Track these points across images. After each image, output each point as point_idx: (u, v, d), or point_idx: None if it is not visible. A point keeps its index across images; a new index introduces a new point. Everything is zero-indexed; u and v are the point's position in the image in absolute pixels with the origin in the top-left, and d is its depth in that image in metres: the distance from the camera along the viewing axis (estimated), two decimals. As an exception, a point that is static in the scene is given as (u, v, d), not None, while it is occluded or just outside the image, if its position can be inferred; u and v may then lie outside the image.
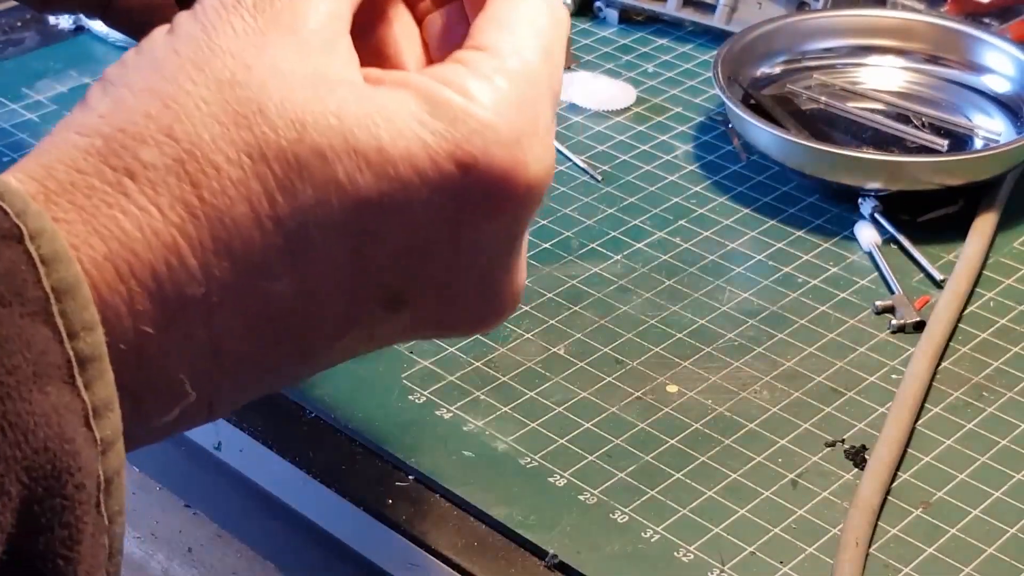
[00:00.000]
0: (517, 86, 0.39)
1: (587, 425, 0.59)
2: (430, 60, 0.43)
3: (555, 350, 0.64)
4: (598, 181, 0.76)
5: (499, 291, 0.40)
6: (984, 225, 0.71)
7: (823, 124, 0.78)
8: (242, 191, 0.35)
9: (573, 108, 0.83)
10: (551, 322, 0.65)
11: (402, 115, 0.37)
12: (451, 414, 0.60)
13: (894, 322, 0.65)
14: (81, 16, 0.91)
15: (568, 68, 0.86)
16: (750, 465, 0.57)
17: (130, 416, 0.34)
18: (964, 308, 0.66)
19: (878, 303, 0.66)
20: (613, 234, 0.72)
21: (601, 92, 0.83)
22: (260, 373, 0.38)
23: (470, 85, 0.38)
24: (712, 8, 0.88)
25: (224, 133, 0.36)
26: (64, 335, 0.32)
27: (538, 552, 0.53)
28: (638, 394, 0.61)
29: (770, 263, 0.70)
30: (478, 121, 0.38)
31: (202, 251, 0.35)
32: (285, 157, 0.36)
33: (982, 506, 0.55)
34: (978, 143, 0.76)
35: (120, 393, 0.33)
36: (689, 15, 0.89)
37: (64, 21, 0.91)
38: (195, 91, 0.36)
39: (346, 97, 0.37)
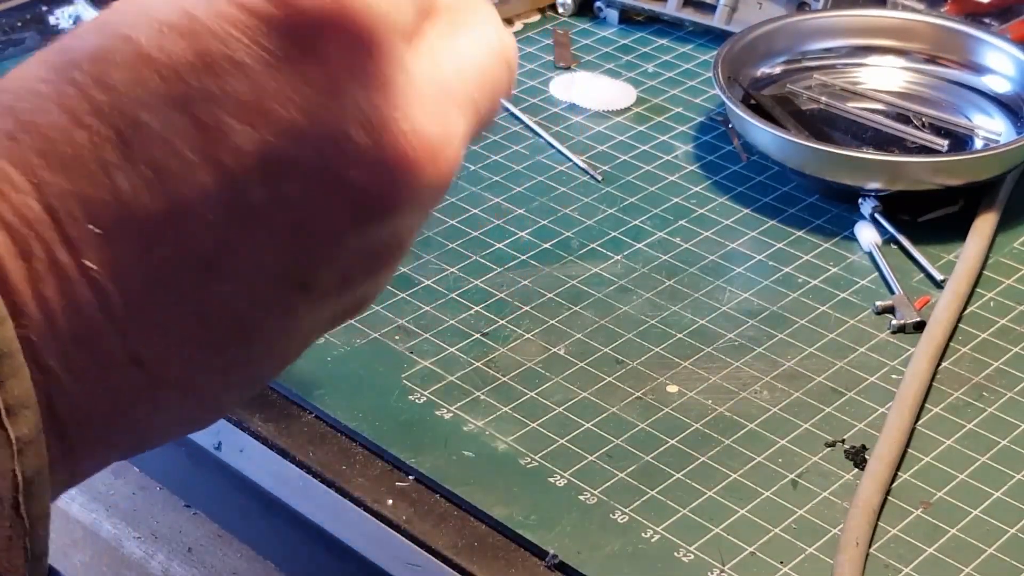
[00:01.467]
0: None
1: (587, 425, 0.59)
2: None
3: (555, 350, 0.64)
4: (598, 181, 0.76)
5: (392, 147, 0.36)
6: (984, 225, 0.71)
7: (823, 124, 0.78)
8: (55, 99, 0.34)
9: (573, 108, 0.83)
10: (551, 322, 0.65)
11: None
12: (451, 414, 0.60)
13: (894, 322, 0.65)
14: (81, 16, 0.91)
15: (568, 68, 0.86)
16: (750, 465, 0.57)
17: None
18: (964, 308, 0.66)
19: (878, 303, 0.66)
20: (613, 234, 0.72)
21: (601, 92, 0.83)
22: (164, 301, 0.35)
23: None
24: (712, 8, 0.88)
25: (42, 61, 0.35)
26: None
27: (538, 552, 0.53)
28: (638, 394, 0.61)
29: (770, 263, 0.70)
30: None
31: (30, 167, 0.34)
32: (89, 54, 0.35)
33: (982, 506, 0.55)
34: (978, 143, 0.76)
35: None
36: (689, 15, 0.89)
37: (64, 21, 0.91)
38: (42, 52, 0.36)
39: None
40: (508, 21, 0.91)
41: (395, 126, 0.36)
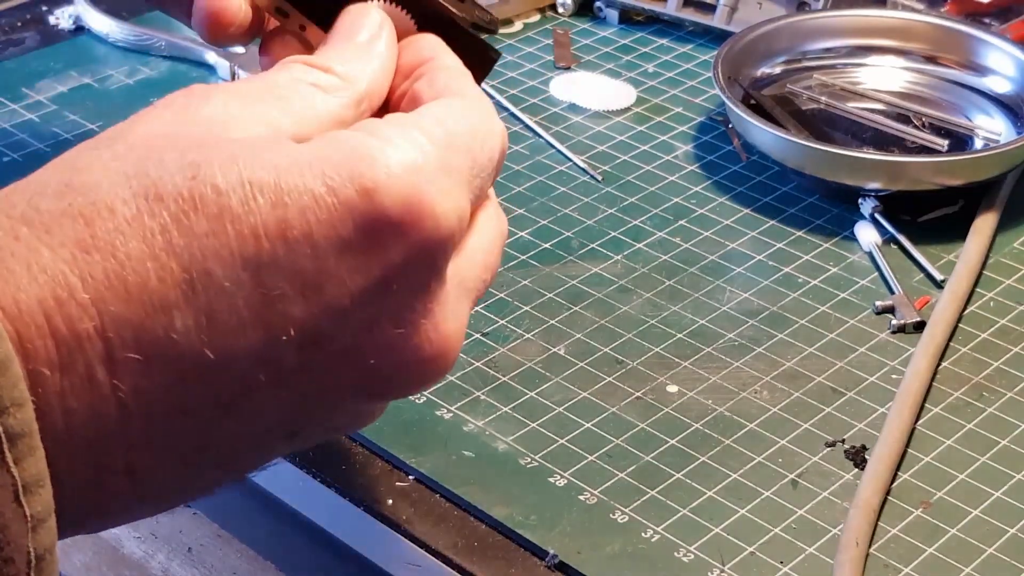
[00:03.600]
0: (428, 133, 0.40)
1: (587, 425, 0.59)
2: None
3: (555, 350, 0.64)
4: (598, 181, 0.76)
5: (414, 345, 0.40)
6: (984, 225, 0.71)
7: (823, 124, 0.78)
8: (135, 227, 0.35)
9: (573, 108, 0.83)
10: (551, 322, 0.65)
11: (304, 153, 0.37)
12: (451, 414, 0.60)
13: (894, 322, 0.65)
14: (81, 16, 0.91)
15: (568, 68, 0.86)
16: (750, 465, 0.57)
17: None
18: (964, 308, 0.66)
19: (878, 303, 0.66)
20: (613, 234, 0.72)
21: (601, 92, 0.83)
22: (178, 429, 0.37)
23: (382, 128, 0.39)
24: (712, 8, 0.88)
25: (123, 181, 0.36)
26: None
27: (538, 552, 0.53)
28: (638, 394, 0.61)
29: (770, 263, 0.70)
30: (380, 151, 0.38)
31: (93, 284, 0.35)
32: (179, 193, 0.36)
33: (982, 506, 0.55)
34: (978, 143, 0.76)
35: None
36: (689, 15, 0.89)
37: (64, 21, 0.91)
38: (107, 151, 0.37)
39: (248, 143, 0.37)
40: (508, 21, 0.91)
41: (423, 328, 0.40)
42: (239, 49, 0.83)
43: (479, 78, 0.46)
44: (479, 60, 0.47)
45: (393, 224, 0.38)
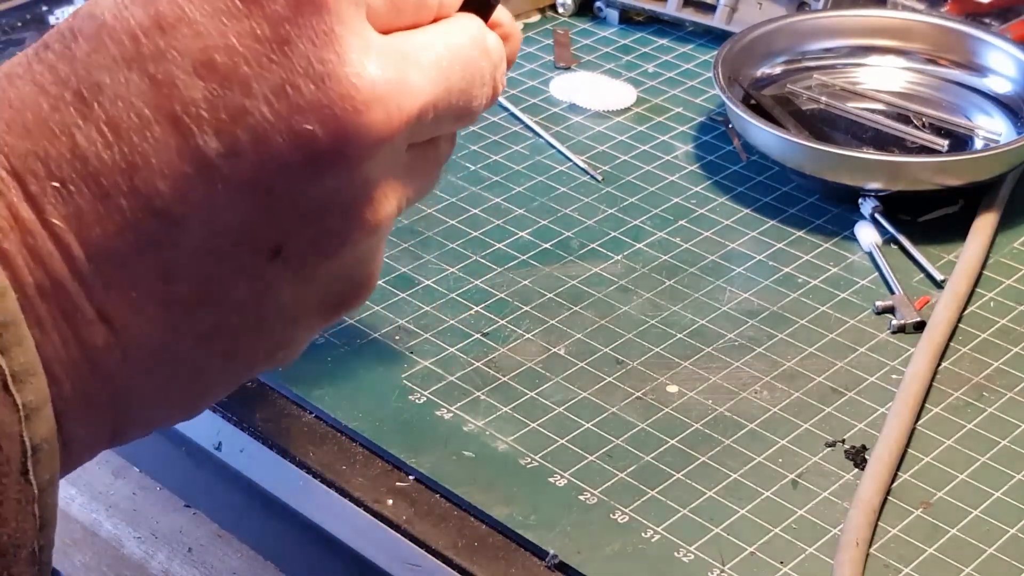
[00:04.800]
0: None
1: (587, 425, 0.59)
2: None
3: (555, 350, 0.64)
4: (598, 181, 0.76)
5: (340, 93, 0.38)
6: (984, 225, 0.71)
7: (823, 124, 0.78)
8: (25, 77, 0.36)
9: (573, 108, 0.83)
10: (551, 322, 0.65)
11: None
12: (451, 414, 0.60)
13: (894, 322, 0.65)
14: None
15: (568, 68, 0.86)
16: (750, 465, 0.57)
17: None
18: (964, 308, 0.66)
19: (878, 303, 0.66)
20: (613, 234, 0.72)
21: (601, 92, 0.83)
22: (130, 255, 0.36)
23: None
24: (712, 8, 0.88)
25: (19, 56, 0.37)
26: None
27: (538, 552, 0.53)
28: (638, 394, 0.61)
29: (770, 263, 0.70)
30: None
31: None
32: (59, 33, 0.37)
33: (982, 506, 0.55)
34: (978, 143, 0.76)
35: None
36: (689, 15, 0.89)
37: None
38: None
39: None
40: (508, 21, 0.91)
41: (341, 74, 0.37)
42: None
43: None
44: (478, 5, 0.45)
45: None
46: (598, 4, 0.92)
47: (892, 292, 0.67)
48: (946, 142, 0.76)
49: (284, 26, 0.37)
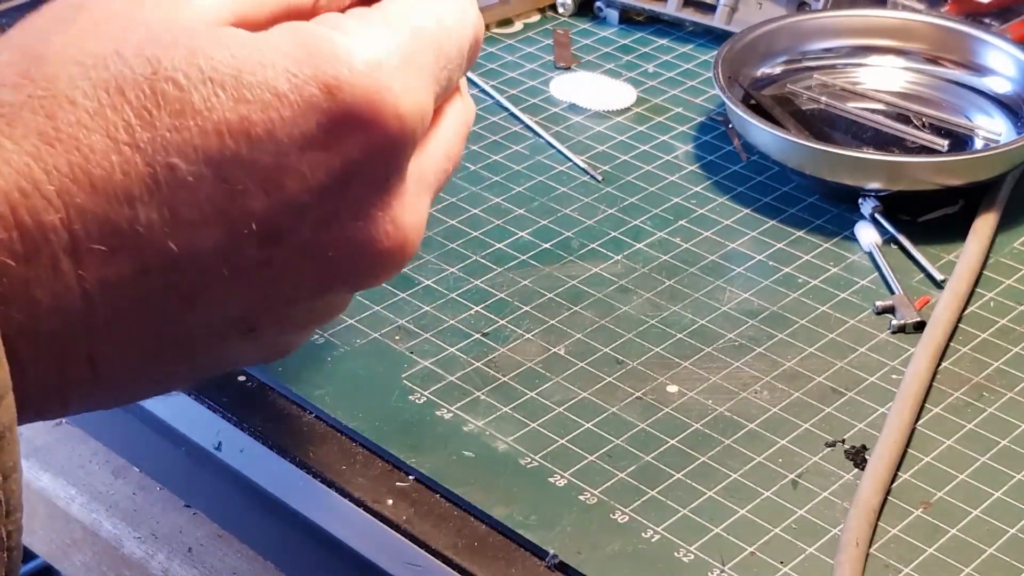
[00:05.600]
0: (393, 28, 0.40)
1: (587, 425, 0.59)
2: None
3: (555, 350, 0.64)
4: (598, 181, 0.76)
5: (372, 238, 0.40)
6: (984, 225, 0.71)
7: (823, 124, 0.78)
8: (98, 121, 0.36)
9: (573, 108, 0.83)
10: (551, 322, 0.65)
11: (265, 48, 0.38)
12: (451, 414, 0.60)
13: (894, 322, 0.65)
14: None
15: (568, 68, 0.86)
16: (750, 465, 0.57)
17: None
18: (964, 308, 0.66)
19: (878, 303, 0.66)
20: (613, 234, 0.72)
21: (601, 92, 0.83)
22: (139, 319, 0.38)
23: (345, 23, 0.39)
24: (712, 8, 0.88)
25: (82, 72, 0.36)
26: None
27: (538, 552, 0.53)
28: (638, 394, 0.61)
29: (770, 263, 0.70)
30: (344, 47, 0.38)
31: (58, 176, 0.35)
32: (140, 88, 0.36)
33: (982, 506, 0.55)
34: (978, 143, 0.76)
35: None
36: (689, 15, 0.89)
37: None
38: (58, 40, 0.37)
39: (205, 36, 0.37)
40: (508, 21, 0.91)
41: (381, 222, 0.40)
42: None
43: None
44: None
45: (355, 121, 0.38)
46: (598, 4, 0.92)
47: (892, 292, 0.67)
48: (946, 142, 0.76)
49: (353, 167, 0.39)
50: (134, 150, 0.36)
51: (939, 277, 0.68)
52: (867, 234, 0.71)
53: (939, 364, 0.63)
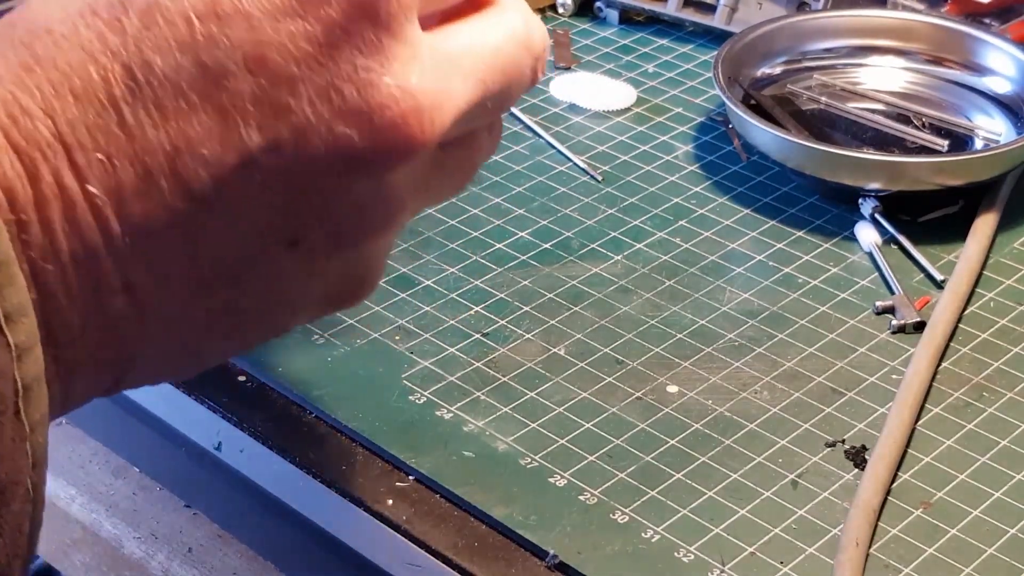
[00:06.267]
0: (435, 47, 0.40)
1: (587, 425, 0.59)
2: None
3: (555, 350, 0.64)
4: (598, 181, 0.76)
5: (380, 104, 0.39)
6: (984, 225, 0.71)
7: (823, 124, 0.78)
8: (73, 40, 0.36)
9: (573, 108, 0.83)
10: (551, 322, 0.65)
11: None
12: (451, 414, 0.60)
13: (894, 322, 0.65)
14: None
15: (568, 68, 0.86)
16: (750, 465, 0.57)
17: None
18: (964, 308, 0.66)
19: (878, 303, 0.66)
20: (613, 234, 0.72)
21: (601, 92, 0.83)
22: (161, 232, 0.37)
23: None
24: (712, 8, 0.88)
25: (59, 7, 0.37)
26: None
27: (538, 552, 0.53)
28: (638, 394, 0.61)
29: (770, 263, 0.70)
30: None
31: (40, 97, 0.36)
32: (109, 3, 0.37)
33: (982, 506, 0.55)
34: (978, 144, 0.76)
35: None
36: (689, 15, 0.89)
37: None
38: None
39: None
40: (508, 21, 0.91)
41: (383, 83, 0.39)
42: None
43: None
44: None
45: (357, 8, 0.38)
46: (598, 4, 0.92)
47: (892, 292, 0.67)
48: (946, 142, 0.76)
49: (335, 31, 0.38)
50: (109, 56, 0.36)
51: (939, 277, 0.68)
52: (867, 234, 0.71)
53: (939, 364, 0.63)
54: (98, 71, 0.36)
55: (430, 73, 0.40)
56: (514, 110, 0.82)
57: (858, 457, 0.58)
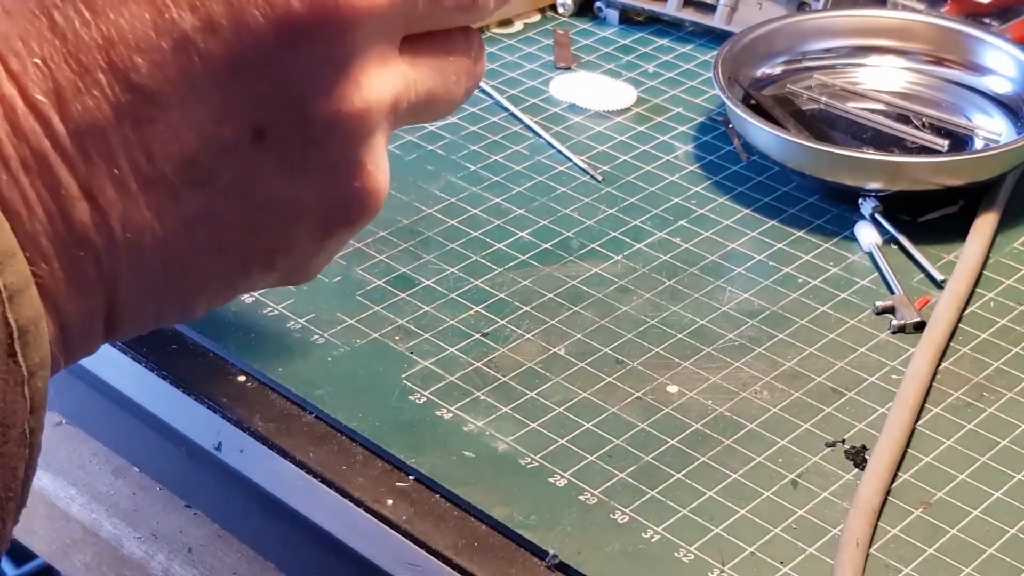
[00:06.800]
0: None
1: (587, 425, 0.59)
2: None
3: (555, 350, 0.64)
4: (598, 181, 0.76)
5: None
6: (984, 225, 0.71)
7: (823, 124, 0.78)
8: None
9: (573, 108, 0.83)
10: (551, 322, 0.65)
11: None
12: (451, 414, 0.60)
13: (894, 322, 0.65)
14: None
15: (568, 68, 0.86)
16: (750, 465, 0.57)
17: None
18: (964, 308, 0.66)
19: (878, 303, 0.66)
20: (613, 234, 0.72)
21: (601, 92, 0.83)
22: (106, 131, 0.37)
23: None
24: (712, 8, 0.88)
25: None
26: None
27: (538, 552, 0.53)
28: (638, 394, 0.61)
29: (770, 263, 0.70)
30: None
31: None
32: None
33: (982, 506, 0.55)
34: (978, 143, 0.76)
35: None
36: (689, 15, 0.89)
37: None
38: None
39: None
40: (508, 21, 0.91)
41: None
42: None
43: None
44: None
45: None
46: (598, 4, 0.92)
47: (892, 292, 0.67)
48: (946, 142, 0.76)
49: None
50: None
51: (939, 277, 0.68)
52: (867, 234, 0.71)
53: (939, 364, 0.63)
54: None
55: None
56: (514, 110, 0.82)
57: (858, 457, 0.58)
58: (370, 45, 0.40)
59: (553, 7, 0.93)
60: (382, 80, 0.41)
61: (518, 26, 0.91)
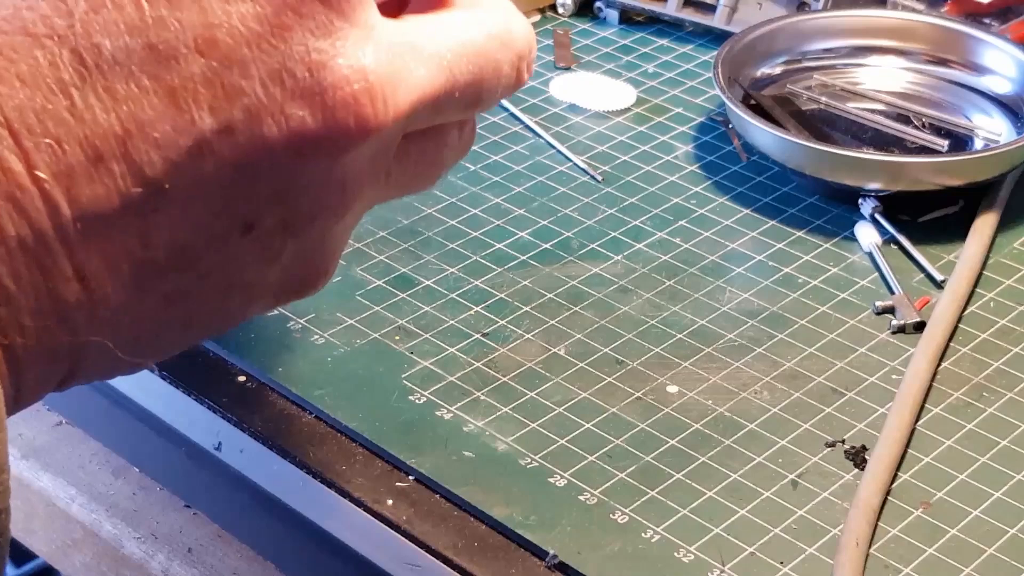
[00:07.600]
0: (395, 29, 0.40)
1: (587, 425, 0.59)
2: None
3: (555, 350, 0.64)
4: (598, 181, 0.76)
5: (331, 86, 0.38)
6: (984, 225, 0.71)
7: (823, 124, 0.78)
8: (15, 24, 0.36)
9: (573, 108, 0.83)
10: (551, 322, 0.65)
11: None
12: (451, 414, 0.60)
13: (894, 322, 0.65)
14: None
15: (568, 68, 0.86)
16: (750, 465, 0.57)
17: None
18: (964, 308, 0.66)
19: (878, 303, 0.66)
20: (613, 234, 0.72)
21: (601, 92, 0.83)
22: (112, 218, 0.37)
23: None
24: (712, 8, 0.88)
25: None
26: None
27: (538, 552, 0.53)
28: (638, 394, 0.61)
29: (770, 264, 0.70)
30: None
31: None
32: None
33: (982, 506, 0.55)
34: (978, 144, 0.76)
35: None
36: (689, 15, 0.89)
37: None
38: None
39: None
40: (508, 21, 0.91)
41: (335, 64, 0.38)
42: None
43: None
44: None
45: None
46: (598, 4, 0.92)
47: (892, 292, 0.67)
48: (946, 142, 0.76)
49: (286, 12, 0.38)
50: (56, 40, 0.36)
51: (939, 277, 0.68)
52: (867, 234, 0.71)
53: (939, 364, 0.63)
54: (45, 56, 0.36)
55: (385, 55, 0.40)
56: (514, 110, 0.82)
57: (858, 457, 0.58)
58: (370, 159, 0.41)
59: (553, 7, 0.93)
60: (368, 185, 0.42)
61: (518, 26, 0.91)
